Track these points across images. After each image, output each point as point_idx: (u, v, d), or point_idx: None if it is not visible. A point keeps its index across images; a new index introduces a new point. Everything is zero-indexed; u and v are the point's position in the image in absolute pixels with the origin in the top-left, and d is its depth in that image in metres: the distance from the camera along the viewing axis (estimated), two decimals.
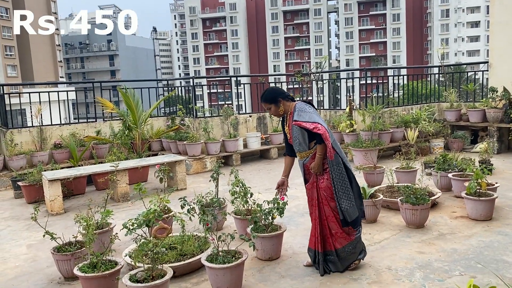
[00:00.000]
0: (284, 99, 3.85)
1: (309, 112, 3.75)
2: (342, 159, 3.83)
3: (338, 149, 3.84)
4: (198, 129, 8.96)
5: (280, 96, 3.85)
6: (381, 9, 77.32)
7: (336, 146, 3.80)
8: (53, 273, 4.22)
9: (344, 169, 3.82)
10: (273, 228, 4.26)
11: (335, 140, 3.84)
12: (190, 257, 4.02)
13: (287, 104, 3.87)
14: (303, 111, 3.76)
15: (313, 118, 3.71)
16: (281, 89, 4.07)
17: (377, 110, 8.12)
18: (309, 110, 3.77)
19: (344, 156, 3.89)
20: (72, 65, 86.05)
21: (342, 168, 3.80)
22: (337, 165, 3.78)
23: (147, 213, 3.46)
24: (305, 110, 3.76)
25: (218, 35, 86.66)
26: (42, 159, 8.02)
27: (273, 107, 3.86)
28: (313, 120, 3.69)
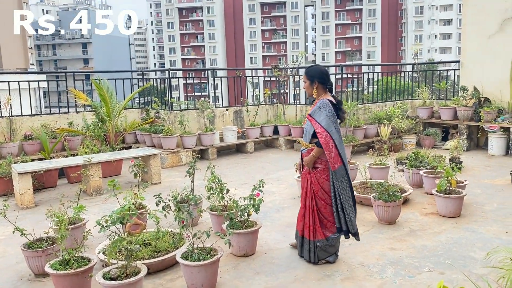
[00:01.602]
0: (320, 84, 3.84)
1: (326, 116, 3.72)
2: (346, 171, 3.82)
3: (345, 160, 3.83)
4: (174, 122, 8.87)
5: (318, 79, 3.84)
6: (357, 4, 78.04)
7: (344, 157, 3.80)
8: (23, 270, 4.12)
9: (348, 180, 3.85)
10: (248, 224, 4.28)
11: (344, 151, 3.82)
12: (164, 253, 4.00)
13: (320, 90, 3.87)
14: (322, 110, 3.74)
15: (326, 123, 3.70)
16: (327, 74, 3.93)
17: (352, 107, 8.22)
18: (328, 113, 3.72)
19: (348, 168, 3.88)
20: (43, 52, 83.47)
21: (346, 179, 3.83)
22: (341, 177, 3.80)
23: (122, 210, 3.42)
24: (324, 111, 3.73)
25: (195, 25, 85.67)
26: (12, 151, 7.77)
27: (308, 84, 3.89)
28: (324, 125, 3.70)
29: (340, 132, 3.83)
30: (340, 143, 3.77)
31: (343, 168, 3.79)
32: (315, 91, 3.87)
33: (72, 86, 8.69)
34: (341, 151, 3.75)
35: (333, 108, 3.76)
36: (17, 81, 8.48)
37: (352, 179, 6.47)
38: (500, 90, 8.76)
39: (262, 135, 9.86)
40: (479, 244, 4.31)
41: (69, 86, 8.53)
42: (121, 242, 3.56)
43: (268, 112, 10.37)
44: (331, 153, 3.70)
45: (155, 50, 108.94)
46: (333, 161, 3.73)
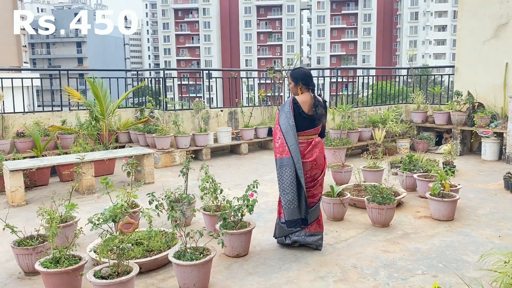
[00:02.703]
0: (304, 85, 4.21)
1: (283, 111, 4.16)
2: (294, 164, 4.03)
3: (294, 154, 4.04)
4: (168, 122, 8.83)
5: (302, 81, 4.21)
6: (353, 8, 78.39)
7: (293, 151, 4.04)
8: (13, 268, 4.06)
9: (295, 172, 4.04)
10: (242, 225, 4.25)
11: (295, 145, 4.05)
12: (157, 253, 3.96)
13: (304, 91, 4.22)
14: (283, 106, 4.22)
15: (282, 117, 4.14)
16: (310, 76, 4.30)
17: (346, 110, 8.23)
18: (286, 109, 4.14)
19: (296, 161, 4.04)
20: (37, 50, 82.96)
21: (293, 171, 4.03)
22: (288, 167, 4.04)
23: (114, 208, 3.38)
24: (284, 107, 4.20)
25: (190, 27, 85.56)
26: (3, 148, 7.69)
27: (293, 85, 4.29)
28: (280, 118, 4.16)
29: (294, 127, 4.06)
30: (291, 136, 4.04)
31: (290, 159, 4.02)
32: (299, 91, 4.24)
33: (66, 85, 8.62)
34: (289, 144, 4.03)
35: (293, 105, 4.12)
36: (10, 78, 8.40)
37: (346, 182, 6.53)
38: (494, 95, 8.82)
39: (256, 136, 9.84)
40: (472, 248, 4.32)
41: (63, 85, 8.45)
42: (113, 240, 3.53)
43: (262, 114, 10.35)
44: (276, 143, 4.12)
45: (150, 51, 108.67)
46: (277, 150, 4.12)
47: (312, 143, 4.17)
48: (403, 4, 74.58)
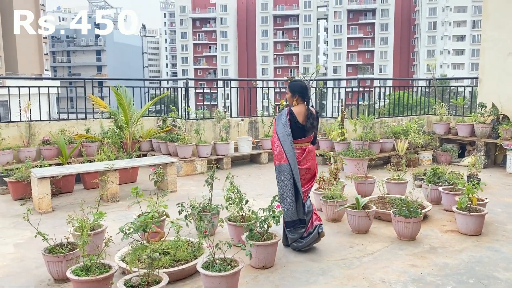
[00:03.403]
0: (300, 97, 4.53)
1: (280, 121, 4.49)
2: (292, 170, 4.37)
3: (291, 160, 4.38)
4: (190, 131, 8.90)
5: (298, 93, 4.54)
6: (370, 18, 78.24)
7: (289, 157, 4.37)
8: (42, 274, 4.13)
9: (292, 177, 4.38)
10: (268, 236, 4.25)
11: (291, 153, 4.38)
12: (184, 263, 3.98)
13: (299, 102, 4.53)
14: (280, 116, 4.55)
15: (279, 127, 4.47)
16: (306, 89, 4.65)
17: (369, 120, 8.19)
18: (282, 120, 4.47)
19: (294, 167, 4.38)
20: (58, 58, 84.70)
21: (290, 176, 4.36)
22: (285, 173, 4.38)
23: (145, 218, 3.41)
24: (280, 117, 4.53)
25: (208, 36, 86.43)
26: (30, 155, 7.86)
27: (289, 95, 4.59)
28: (277, 128, 4.48)
29: (290, 135, 4.39)
30: (287, 144, 4.37)
31: (287, 166, 4.36)
32: (295, 102, 4.56)
33: (89, 93, 8.80)
34: (287, 152, 4.37)
35: (289, 116, 4.44)
36: (37, 86, 8.60)
37: (369, 194, 6.48)
38: None
39: None
40: (502, 264, 4.23)
41: (88, 93, 8.61)
42: (144, 249, 3.56)
43: None
44: (275, 151, 4.46)
45: (167, 59, 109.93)
46: (276, 158, 4.46)
47: (306, 150, 4.52)
48: (421, 14, 74.18)
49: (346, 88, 11.92)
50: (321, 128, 9.63)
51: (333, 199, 5.46)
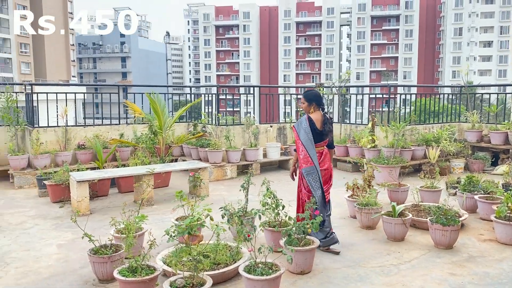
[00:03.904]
0: (316, 105, 4.89)
1: (302, 128, 4.81)
2: (317, 170, 4.76)
3: (316, 162, 4.77)
4: (220, 136, 9.02)
5: (315, 102, 4.90)
6: (394, 24, 77.52)
7: (314, 160, 4.76)
8: (87, 275, 4.26)
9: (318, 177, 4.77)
10: (306, 242, 4.28)
11: (315, 156, 4.76)
12: (223, 266, 4.05)
13: (315, 109, 4.87)
14: (300, 124, 4.88)
15: (301, 134, 4.81)
16: (321, 97, 5.05)
17: (401, 128, 8.14)
18: (303, 126, 4.80)
19: (318, 168, 4.79)
20: (85, 65, 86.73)
21: (317, 176, 4.76)
22: (312, 174, 4.76)
23: (191, 221, 3.50)
24: (300, 124, 4.86)
25: (230, 43, 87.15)
26: (66, 159, 8.10)
27: (306, 105, 4.91)
28: (299, 135, 4.84)
29: (312, 140, 4.76)
30: (311, 149, 4.75)
31: (313, 168, 4.75)
32: (312, 109, 4.87)
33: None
34: (311, 155, 4.75)
35: (309, 122, 4.77)
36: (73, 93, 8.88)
37: (402, 201, 6.44)
38: None
39: None
40: None
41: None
42: (187, 252, 3.65)
43: None
44: (300, 155, 4.83)
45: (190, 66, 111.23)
46: (302, 161, 4.82)
47: (323, 153, 4.88)
48: (447, 20, 73.07)
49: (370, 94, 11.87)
50: (350, 135, 9.62)
51: (367, 206, 5.46)
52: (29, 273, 4.32)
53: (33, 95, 8.33)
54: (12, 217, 6.19)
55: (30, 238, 5.34)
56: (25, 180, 7.83)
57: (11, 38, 56.31)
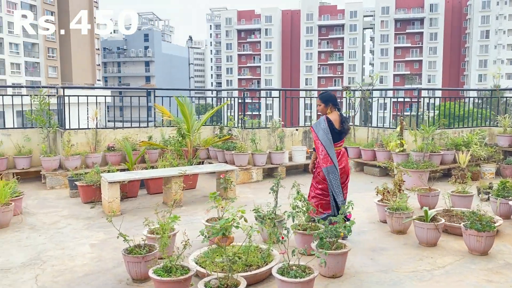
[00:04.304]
0: (333, 106, 5.11)
1: (321, 128, 5.00)
2: (337, 169, 4.98)
3: (335, 161, 5.00)
4: (246, 139, 9.06)
5: (332, 103, 5.12)
6: (418, 27, 76.45)
7: (334, 159, 4.98)
8: (121, 274, 4.33)
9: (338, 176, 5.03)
10: (338, 245, 4.26)
11: (334, 155, 4.99)
12: (255, 268, 4.06)
13: (332, 110, 5.08)
14: (319, 124, 5.04)
15: (320, 134, 4.99)
16: (336, 98, 5.29)
17: (430, 132, 8.01)
18: (323, 126, 5.00)
19: (337, 167, 5.04)
20: (109, 69, 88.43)
21: (337, 176, 5.01)
22: (332, 173, 4.99)
23: (226, 222, 3.53)
24: (320, 124, 5.04)
25: (252, 46, 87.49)
26: (96, 161, 8.27)
27: (323, 106, 5.11)
28: (318, 135, 5.03)
29: (331, 140, 4.97)
30: (330, 148, 4.95)
31: (333, 167, 4.97)
32: (329, 110, 5.08)
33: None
34: (331, 155, 4.94)
35: (327, 122, 4.98)
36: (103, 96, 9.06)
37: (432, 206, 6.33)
38: None
39: None
40: None
41: (155, 103, 8.98)
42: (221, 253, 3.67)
43: None
44: (320, 155, 5.02)
45: (212, 70, 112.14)
46: (322, 161, 5.01)
47: (341, 153, 5.10)
48: (473, 23, 71.61)
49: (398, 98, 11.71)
50: (378, 139, 9.52)
51: (399, 211, 5.39)
52: (65, 272, 4.42)
53: (64, 98, 8.53)
54: (46, 216, 6.35)
55: (64, 237, 5.47)
56: (56, 181, 8.03)
57: (39, 43, 57.92)
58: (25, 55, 56.01)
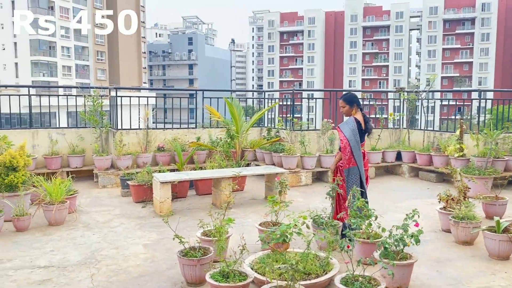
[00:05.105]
0: (357, 106, 5.10)
1: (349, 128, 4.96)
2: (359, 171, 4.91)
3: (359, 163, 4.93)
4: (294, 141, 8.86)
5: (356, 103, 5.12)
6: (468, 28, 73.33)
7: (358, 161, 4.91)
8: (174, 276, 4.25)
9: (360, 178, 4.94)
10: (403, 256, 3.98)
11: (360, 157, 4.93)
12: (315, 276, 3.86)
13: (355, 111, 5.07)
14: (348, 124, 4.99)
15: (348, 134, 4.93)
16: (358, 99, 5.32)
17: (495, 136, 7.50)
18: (351, 127, 4.95)
19: (362, 170, 4.96)
20: (155, 72, 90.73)
21: (358, 177, 4.92)
22: (354, 175, 4.93)
23: (287, 228, 3.36)
24: (348, 124, 4.99)
25: (294, 49, 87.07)
26: (146, 161, 8.34)
27: (348, 107, 5.09)
28: (346, 135, 4.95)
29: (359, 142, 4.94)
30: (357, 150, 4.90)
31: (356, 169, 4.90)
32: (354, 111, 5.07)
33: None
34: (356, 156, 4.89)
35: (356, 123, 4.96)
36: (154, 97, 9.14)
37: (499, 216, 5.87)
38: None
39: (384, 160, 9.42)
40: None
41: (205, 104, 8.98)
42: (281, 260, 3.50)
43: (390, 137, 9.92)
44: (346, 156, 4.94)
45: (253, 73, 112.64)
46: (346, 162, 4.94)
47: (364, 153, 5.12)
48: None
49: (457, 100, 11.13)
50: (434, 143, 9.05)
51: (465, 220, 5.02)
52: (120, 272, 4.40)
53: (117, 99, 8.66)
54: (99, 215, 6.42)
55: (117, 237, 5.48)
56: (108, 180, 8.15)
57: (89, 46, 60.24)
58: (76, 58, 58.38)
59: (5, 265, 4.55)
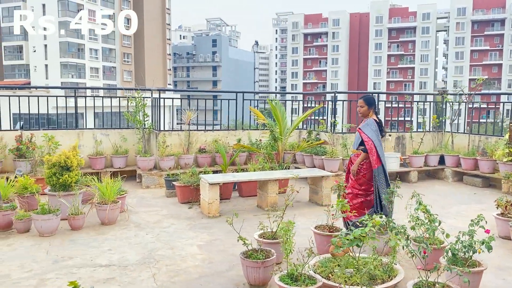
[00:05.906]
0: (374, 109, 5.23)
1: (371, 130, 5.05)
2: (384, 170, 5.03)
3: (384, 162, 5.07)
4: (336, 144, 8.79)
5: (373, 106, 5.25)
6: (498, 29, 71.53)
7: (383, 160, 5.03)
8: (235, 278, 4.26)
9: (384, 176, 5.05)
10: (472, 263, 3.89)
11: (384, 156, 5.10)
12: (380, 282, 3.80)
13: (371, 113, 5.17)
14: (369, 126, 5.09)
15: (371, 135, 5.02)
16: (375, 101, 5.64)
17: None
18: (373, 128, 5.07)
19: (386, 168, 5.11)
20: (179, 73, 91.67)
21: (383, 176, 5.02)
22: (380, 174, 5.01)
23: (362, 232, 3.31)
24: (371, 126, 5.08)
25: (318, 50, 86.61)
26: (188, 162, 8.41)
27: (366, 108, 5.16)
28: (370, 136, 5.02)
29: (381, 142, 5.07)
30: (381, 150, 5.02)
31: (382, 168, 5.01)
32: (371, 113, 5.17)
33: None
34: (381, 156, 5.01)
35: (377, 124, 5.10)
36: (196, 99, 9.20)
37: None
38: None
39: (426, 164, 9.25)
40: None
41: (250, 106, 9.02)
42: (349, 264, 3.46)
43: (433, 140, 9.74)
44: (373, 156, 4.99)
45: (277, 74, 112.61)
46: (374, 162, 4.98)
47: None
48: None
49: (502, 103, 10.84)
50: (480, 147, 8.84)
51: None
52: (180, 272, 4.43)
53: (160, 100, 8.77)
54: (148, 215, 6.49)
55: (170, 237, 5.53)
56: (151, 180, 8.24)
57: (116, 48, 61.30)
58: (103, 60, 59.48)
59: (67, 262, 4.64)
